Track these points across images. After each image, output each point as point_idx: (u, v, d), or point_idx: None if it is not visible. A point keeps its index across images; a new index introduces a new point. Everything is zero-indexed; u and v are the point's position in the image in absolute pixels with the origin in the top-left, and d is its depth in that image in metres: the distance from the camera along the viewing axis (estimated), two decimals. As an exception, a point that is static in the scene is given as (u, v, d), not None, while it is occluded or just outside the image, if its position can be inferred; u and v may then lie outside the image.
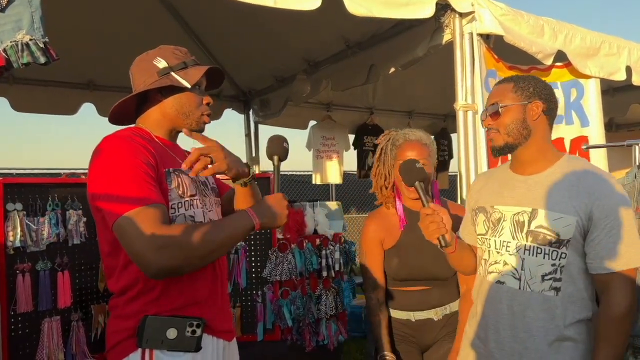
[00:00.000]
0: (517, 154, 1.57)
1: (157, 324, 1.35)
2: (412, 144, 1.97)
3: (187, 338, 1.37)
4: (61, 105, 4.36)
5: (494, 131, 1.56)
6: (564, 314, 1.46)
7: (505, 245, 1.54)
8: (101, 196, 1.34)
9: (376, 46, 3.39)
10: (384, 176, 2.06)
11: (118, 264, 1.38)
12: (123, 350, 1.37)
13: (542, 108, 1.53)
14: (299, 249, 2.98)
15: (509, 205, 1.56)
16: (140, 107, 1.56)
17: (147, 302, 1.37)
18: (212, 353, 1.46)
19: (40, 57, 1.59)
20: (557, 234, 1.44)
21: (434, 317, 2.00)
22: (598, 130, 3.05)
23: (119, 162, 1.34)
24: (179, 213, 1.43)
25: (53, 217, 2.35)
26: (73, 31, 3.47)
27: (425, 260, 1.97)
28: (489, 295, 1.57)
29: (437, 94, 4.70)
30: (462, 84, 2.63)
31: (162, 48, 1.56)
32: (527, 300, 1.49)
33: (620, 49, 3.18)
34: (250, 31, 3.61)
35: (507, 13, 2.72)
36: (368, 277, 2.05)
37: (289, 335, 2.95)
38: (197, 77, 1.50)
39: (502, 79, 1.78)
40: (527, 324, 1.48)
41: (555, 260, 1.45)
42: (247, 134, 5.24)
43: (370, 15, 2.32)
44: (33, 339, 2.28)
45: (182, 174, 1.48)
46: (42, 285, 2.31)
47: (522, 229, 1.51)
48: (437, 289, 2.01)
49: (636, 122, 6.33)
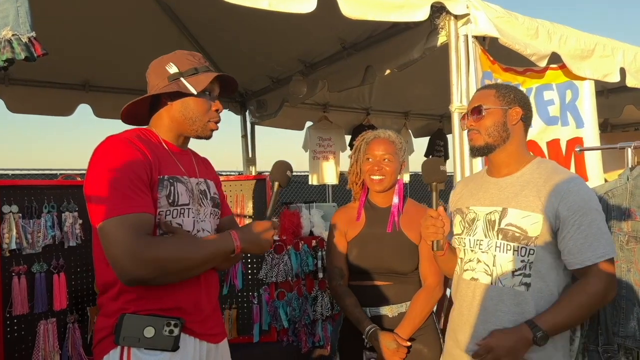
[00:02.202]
0: (493, 157, 1.65)
1: (135, 322, 1.37)
2: (380, 141, 2.08)
3: (164, 337, 1.38)
4: (57, 106, 4.36)
5: (474, 132, 1.63)
6: (535, 309, 1.51)
7: (478, 244, 1.62)
8: (91, 196, 1.36)
9: (372, 47, 3.41)
10: (356, 173, 2.15)
11: (103, 263, 1.40)
12: (104, 348, 1.39)
13: (521, 114, 1.63)
14: (295, 250, 2.98)
15: (483, 206, 1.65)
16: (153, 110, 1.59)
17: (127, 301, 1.39)
18: (193, 354, 1.47)
19: (21, 52, 1.53)
20: (525, 231, 1.53)
21: (389, 314, 2.02)
22: (593, 131, 3.07)
23: (112, 165, 1.35)
24: (165, 220, 1.44)
25: (49, 219, 2.35)
26: (69, 32, 3.47)
27: (384, 252, 2.03)
28: (464, 292, 1.65)
29: (433, 94, 4.71)
30: (458, 86, 2.65)
31: (177, 53, 1.58)
32: (498, 295, 1.56)
33: (614, 50, 3.19)
34: (246, 32, 3.62)
35: (502, 15, 2.74)
36: (333, 266, 2.12)
37: (285, 336, 2.95)
38: (205, 83, 1.52)
39: (484, 85, 1.84)
40: (499, 318, 1.54)
41: (525, 256, 1.53)
42: (244, 135, 5.25)
43: (365, 18, 2.33)
44: (29, 341, 2.28)
45: (177, 182, 1.49)
46: (38, 287, 2.30)
47: (494, 227, 1.59)
48: (397, 286, 2.03)
49: (630, 122, 6.38)
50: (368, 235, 2.08)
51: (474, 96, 1.72)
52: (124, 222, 1.30)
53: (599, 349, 1.87)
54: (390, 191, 2.10)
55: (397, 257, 2.02)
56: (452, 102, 2.65)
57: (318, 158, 5.68)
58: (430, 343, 2.01)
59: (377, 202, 2.14)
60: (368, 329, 1.95)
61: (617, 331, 1.81)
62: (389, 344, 1.90)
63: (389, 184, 2.07)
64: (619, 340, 1.79)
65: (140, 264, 1.29)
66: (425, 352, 1.99)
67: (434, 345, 2.01)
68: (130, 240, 1.29)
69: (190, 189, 1.54)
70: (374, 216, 2.11)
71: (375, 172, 2.05)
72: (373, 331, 1.94)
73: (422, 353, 1.99)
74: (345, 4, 2.24)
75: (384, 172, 2.04)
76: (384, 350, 1.91)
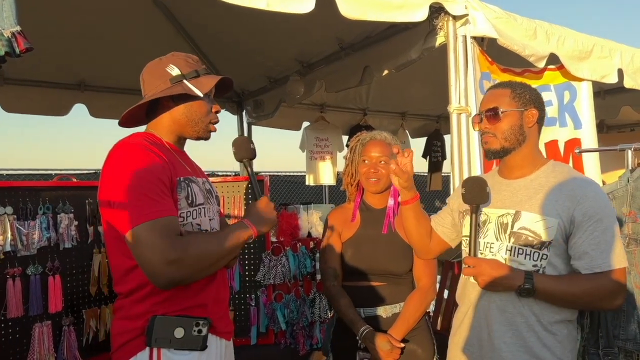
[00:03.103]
0: (507, 159, 1.62)
1: (166, 324, 1.40)
2: (376, 142, 2.08)
3: (193, 337, 1.42)
4: (52, 106, 4.34)
5: (490, 135, 1.59)
6: (543, 312, 1.49)
7: (489, 247, 1.58)
8: (114, 203, 1.37)
9: (370, 48, 3.40)
10: (351, 174, 2.16)
11: (127, 266, 1.41)
12: (131, 350, 1.40)
13: (537, 116, 1.58)
14: (293, 252, 2.97)
15: (495, 208, 1.60)
16: (151, 113, 1.58)
17: (155, 304, 1.41)
18: (215, 352, 1.52)
19: (1, 48, 1.47)
20: (539, 235, 1.49)
21: (383, 314, 2.02)
22: (591, 132, 3.08)
23: (136, 171, 1.37)
24: (186, 222, 1.48)
25: (44, 220, 2.32)
26: (65, 32, 3.45)
27: (379, 253, 2.04)
28: (473, 295, 1.61)
29: (430, 95, 4.71)
30: (456, 86, 2.64)
31: (175, 55, 1.58)
32: (507, 296, 1.52)
33: (612, 51, 3.20)
34: (243, 32, 3.60)
35: (501, 16, 2.73)
36: (327, 267, 2.11)
37: (282, 338, 2.94)
38: (210, 85, 1.54)
39: (496, 83, 1.80)
40: (508, 319, 1.52)
41: (537, 261, 1.50)
42: (241, 135, 5.24)
43: (363, 19, 2.32)
44: (24, 344, 2.25)
45: (191, 183, 1.52)
46: (33, 289, 2.27)
47: (506, 230, 1.55)
48: (391, 286, 2.04)
49: (626, 123, 6.41)
50: (363, 236, 2.08)
51: (487, 95, 1.66)
52: (155, 227, 1.31)
53: (600, 352, 1.87)
54: (385, 192, 2.11)
55: (392, 258, 2.03)
56: (450, 102, 2.64)
57: (315, 158, 5.67)
58: (424, 344, 2.02)
59: (372, 203, 2.14)
60: (362, 330, 1.95)
61: (617, 334, 1.81)
62: (383, 345, 1.90)
63: (385, 186, 2.07)
64: (620, 343, 1.79)
65: (175, 266, 1.32)
66: (419, 353, 1.99)
67: (428, 345, 2.02)
68: (165, 244, 1.31)
69: (201, 188, 1.57)
70: (369, 217, 2.12)
71: (372, 174, 2.05)
72: (367, 332, 1.94)
73: (416, 354, 1.99)
74: (344, 4, 2.23)
75: (380, 175, 2.05)
76: (378, 351, 1.90)
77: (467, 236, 1.64)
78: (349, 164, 2.18)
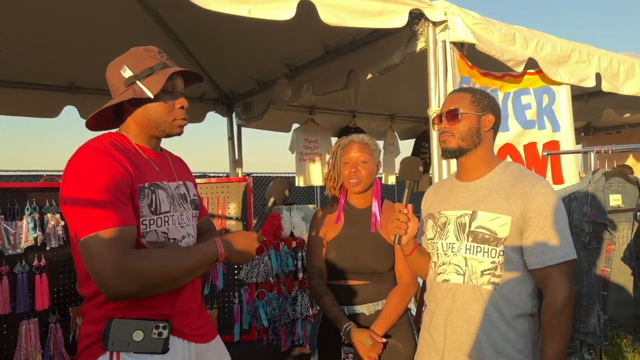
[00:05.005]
0: (463, 161, 1.70)
1: (123, 327, 1.36)
2: (355, 144, 2.14)
3: (153, 340, 1.37)
4: (43, 108, 4.35)
5: (448, 134, 1.67)
6: (504, 307, 1.56)
7: (450, 247, 1.66)
8: (72, 210, 1.33)
9: (354, 52, 3.45)
10: (333, 178, 2.22)
11: (86, 273, 1.36)
12: (92, 354, 1.38)
13: (493, 122, 1.67)
14: (275, 251, 3.03)
15: (453, 210, 1.68)
16: (119, 115, 1.55)
17: (114, 308, 1.38)
18: (182, 355, 1.47)
19: None
20: (494, 232, 1.57)
21: (366, 312, 2.09)
22: (569, 135, 3.14)
23: (89, 178, 1.32)
24: (150, 230, 1.43)
25: (31, 220, 2.37)
26: (55, 34, 3.48)
27: (362, 252, 2.09)
28: (438, 294, 1.69)
29: (418, 97, 4.70)
30: (436, 90, 2.70)
31: (132, 52, 1.53)
32: (470, 293, 1.60)
33: (590, 56, 3.26)
34: (231, 35, 3.64)
35: (479, 22, 2.79)
36: (312, 266, 2.17)
37: (265, 335, 3.00)
38: (161, 84, 1.45)
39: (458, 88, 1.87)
40: (471, 316, 1.59)
41: (495, 257, 1.57)
42: (230, 136, 5.28)
43: (343, 25, 2.37)
44: (11, 341, 2.30)
45: (158, 189, 1.47)
46: (20, 287, 2.32)
47: (464, 230, 1.63)
48: (373, 284, 2.10)
49: (613, 125, 6.50)
50: (347, 236, 2.14)
51: (448, 98, 1.74)
52: (106, 237, 1.26)
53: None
54: (368, 192, 2.17)
55: (375, 257, 2.09)
56: (430, 106, 2.71)
57: (305, 160, 5.72)
58: (405, 339, 2.08)
59: (355, 204, 2.20)
60: (345, 326, 2.01)
61: (578, 328, 1.87)
62: (365, 340, 1.95)
63: (367, 185, 2.14)
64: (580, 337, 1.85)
65: (127, 279, 1.27)
66: (400, 348, 2.05)
67: (409, 341, 2.08)
68: (114, 256, 1.26)
69: (171, 194, 1.52)
70: (352, 217, 2.17)
71: (353, 175, 2.11)
72: (350, 328, 2.00)
73: (397, 349, 2.05)
74: (324, 11, 2.28)
75: (360, 175, 2.11)
76: (360, 347, 1.96)
77: (432, 239, 1.73)
78: (331, 169, 2.23)
